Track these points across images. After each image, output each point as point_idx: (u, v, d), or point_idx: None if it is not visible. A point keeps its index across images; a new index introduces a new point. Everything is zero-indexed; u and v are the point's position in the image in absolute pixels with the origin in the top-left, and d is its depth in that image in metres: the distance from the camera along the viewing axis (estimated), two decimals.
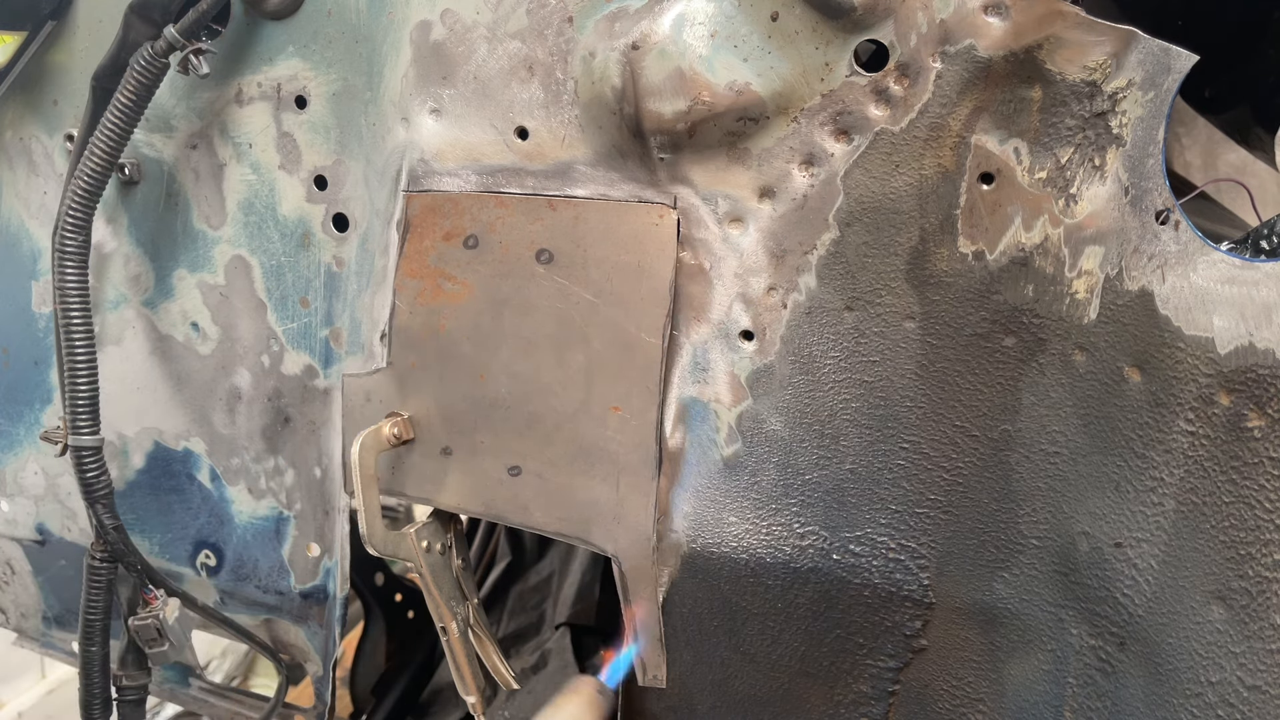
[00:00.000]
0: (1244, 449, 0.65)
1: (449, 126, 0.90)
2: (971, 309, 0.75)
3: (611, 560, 0.88)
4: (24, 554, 1.36)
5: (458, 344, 0.91)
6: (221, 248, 1.08)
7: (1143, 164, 0.69)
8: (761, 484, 0.84)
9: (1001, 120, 0.72)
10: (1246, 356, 0.64)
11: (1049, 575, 0.76)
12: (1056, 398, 0.73)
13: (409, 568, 1.09)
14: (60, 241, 1.00)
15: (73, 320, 1.00)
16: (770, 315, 0.81)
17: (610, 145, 0.83)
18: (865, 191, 0.76)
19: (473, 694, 0.95)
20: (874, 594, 0.82)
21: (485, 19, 0.87)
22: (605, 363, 0.85)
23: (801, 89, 0.76)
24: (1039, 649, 0.78)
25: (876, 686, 0.85)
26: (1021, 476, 0.76)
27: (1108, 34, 0.67)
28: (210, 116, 1.04)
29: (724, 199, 0.81)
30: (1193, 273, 0.67)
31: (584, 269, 0.85)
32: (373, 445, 0.89)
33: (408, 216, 0.92)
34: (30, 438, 1.29)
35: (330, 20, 0.95)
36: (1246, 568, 0.66)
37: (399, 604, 1.72)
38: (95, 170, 0.98)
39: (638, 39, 0.77)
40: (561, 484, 0.88)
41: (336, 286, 1.02)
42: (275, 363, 1.07)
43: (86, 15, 1.09)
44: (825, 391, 0.80)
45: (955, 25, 0.70)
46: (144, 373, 1.16)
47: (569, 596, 1.74)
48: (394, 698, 1.69)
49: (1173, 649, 0.70)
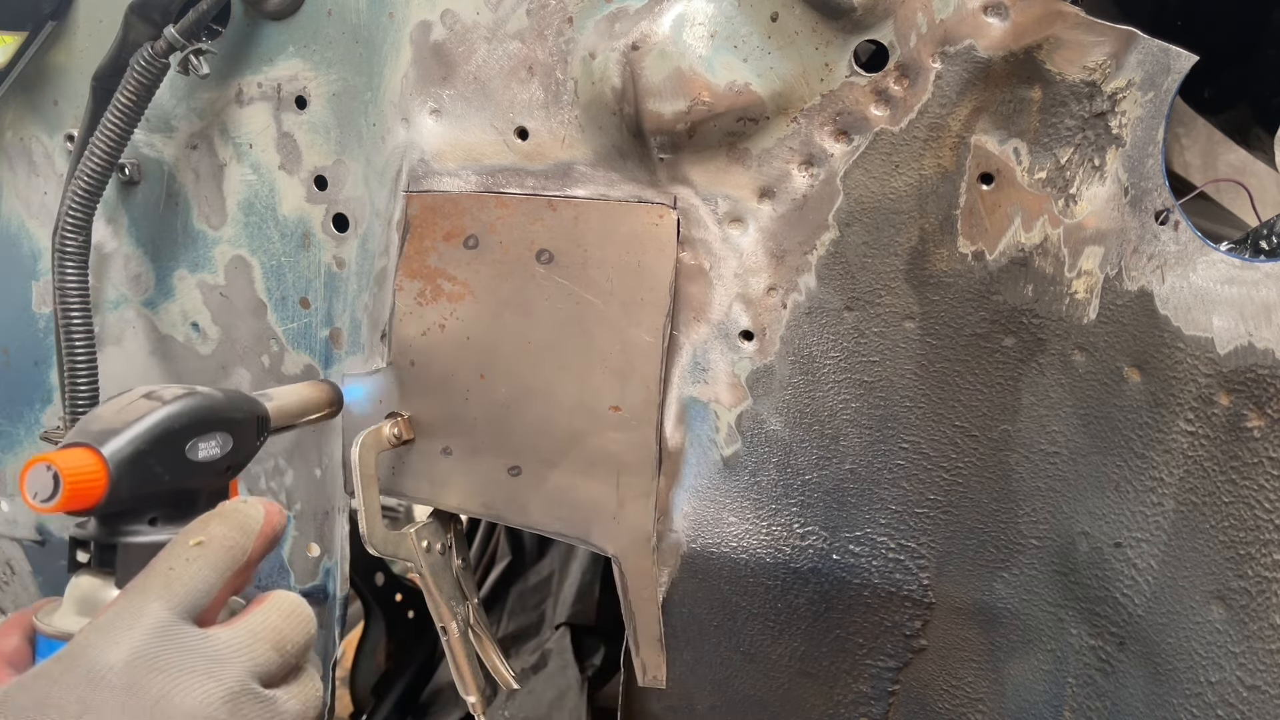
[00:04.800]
0: (1244, 449, 0.65)
1: (449, 127, 0.90)
2: (971, 309, 0.75)
3: (611, 560, 0.88)
4: (24, 554, 1.36)
5: (458, 344, 0.91)
6: (222, 248, 1.08)
7: (1142, 164, 0.69)
8: (761, 484, 0.84)
9: (1001, 120, 0.72)
10: (1246, 356, 0.64)
11: (1049, 575, 0.76)
12: (1056, 398, 0.73)
13: (409, 568, 1.09)
14: (60, 241, 1.00)
15: (73, 320, 1.00)
16: (770, 315, 0.81)
17: (610, 145, 0.83)
18: (865, 192, 0.76)
19: (473, 694, 0.95)
20: (874, 594, 0.82)
21: (485, 19, 0.87)
22: (605, 363, 0.85)
23: (801, 89, 0.76)
24: (1039, 649, 0.78)
25: (876, 686, 0.85)
26: (1021, 476, 0.76)
27: (1107, 34, 0.67)
28: (210, 117, 1.04)
29: (724, 199, 0.81)
30: (1192, 273, 0.67)
31: (584, 269, 0.85)
32: (373, 445, 0.89)
33: (408, 216, 0.92)
34: (30, 438, 1.29)
35: (330, 20, 0.95)
36: (1246, 568, 0.66)
37: (399, 604, 1.72)
38: (95, 170, 0.98)
39: (638, 39, 0.77)
40: (561, 484, 0.88)
41: (336, 287, 1.02)
42: (275, 363, 1.07)
43: (86, 15, 1.09)
44: (825, 391, 0.80)
45: (955, 25, 0.70)
46: (144, 373, 1.16)
47: (569, 596, 1.74)
48: (394, 698, 1.69)
49: (1172, 649, 0.70)
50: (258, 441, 0.73)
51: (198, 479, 0.66)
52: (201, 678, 0.51)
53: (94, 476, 0.59)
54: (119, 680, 0.49)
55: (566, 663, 1.61)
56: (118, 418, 0.63)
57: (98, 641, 0.51)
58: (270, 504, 0.61)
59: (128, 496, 0.61)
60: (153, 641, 0.51)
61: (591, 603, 1.71)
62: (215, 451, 0.66)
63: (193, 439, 0.65)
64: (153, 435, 0.63)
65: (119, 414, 0.63)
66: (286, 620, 0.57)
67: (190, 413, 0.65)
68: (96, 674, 0.49)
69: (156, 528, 0.62)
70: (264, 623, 0.56)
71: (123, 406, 0.64)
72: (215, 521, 0.59)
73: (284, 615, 0.57)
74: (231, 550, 0.57)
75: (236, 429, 0.69)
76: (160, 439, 0.63)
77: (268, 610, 0.57)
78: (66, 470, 0.58)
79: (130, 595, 0.54)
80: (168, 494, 0.63)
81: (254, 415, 0.72)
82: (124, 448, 0.61)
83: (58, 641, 0.57)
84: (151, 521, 0.63)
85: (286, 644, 0.56)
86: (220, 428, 0.67)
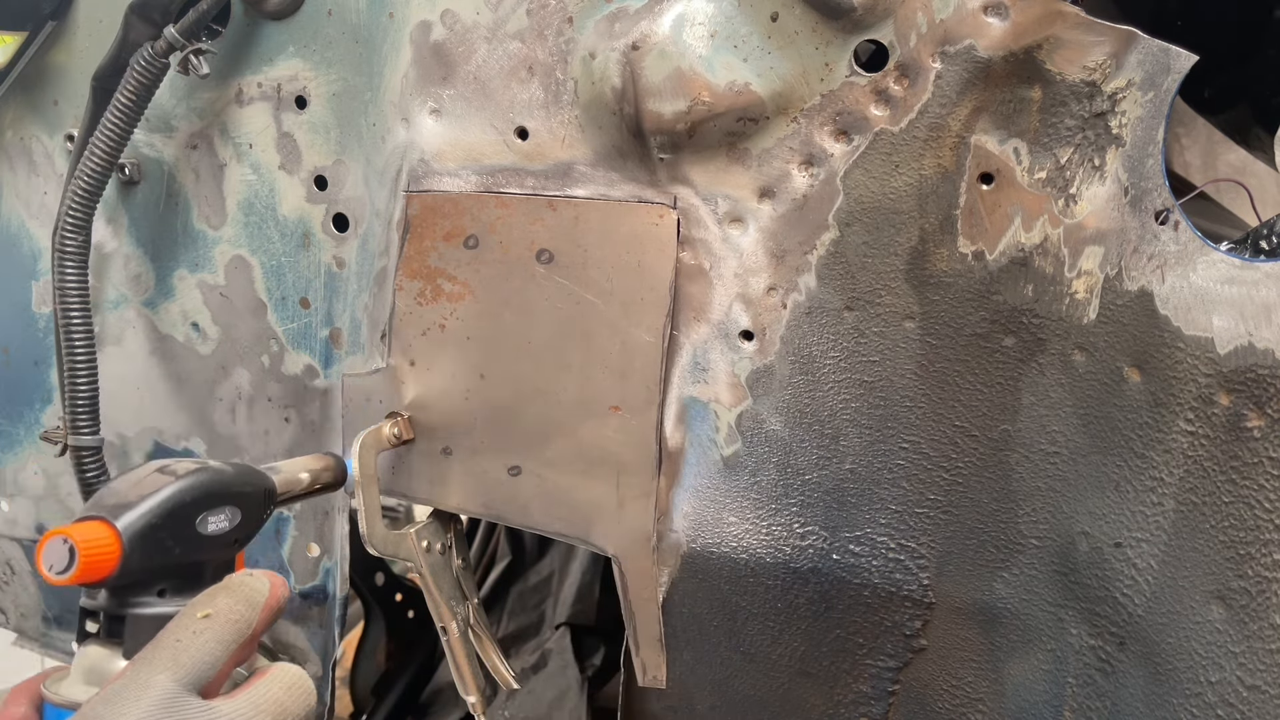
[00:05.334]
0: (1244, 449, 0.65)
1: (449, 127, 0.90)
2: (971, 309, 0.75)
3: (611, 560, 0.88)
4: (24, 554, 1.37)
5: (458, 344, 0.91)
6: (222, 248, 1.08)
7: (1142, 164, 0.69)
8: (761, 484, 0.84)
9: (1001, 120, 0.72)
10: (1246, 356, 0.64)
11: (1049, 575, 0.76)
12: (1056, 398, 0.73)
13: (409, 568, 1.09)
14: (60, 241, 1.00)
15: (73, 320, 1.00)
16: (770, 315, 0.81)
17: (610, 145, 0.83)
18: (865, 191, 0.76)
19: (473, 694, 0.95)
20: (874, 594, 0.82)
21: (485, 19, 0.87)
22: (605, 363, 0.85)
23: (801, 89, 0.76)
24: (1039, 649, 0.78)
25: (876, 686, 0.85)
26: (1021, 476, 0.76)
27: (1107, 34, 0.67)
28: (210, 117, 1.04)
29: (724, 199, 0.81)
30: (1192, 273, 0.67)
31: (584, 269, 0.85)
32: (373, 445, 0.89)
33: (408, 216, 0.92)
34: (30, 438, 1.29)
35: (330, 20, 0.95)
36: (1246, 568, 0.66)
37: (399, 604, 1.72)
38: (95, 170, 0.98)
39: (638, 39, 0.77)
40: (561, 484, 0.88)
41: (336, 287, 1.02)
42: (275, 363, 1.07)
43: (86, 15, 1.09)
44: (825, 391, 0.80)
45: (955, 25, 0.70)
46: (144, 373, 1.16)
47: (569, 596, 1.74)
48: (394, 698, 1.69)
49: (1172, 649, 0.70)
50: (265, 514, 0.74)
51: (206, 552, 0.67)
52: None
53: (108, 549, 0.61)
54: None
55: (566, 663, 1.61)
56: (133, 491, 0.65)
57: (105, 712, 0.52)
58: (275, 576, 0.63)
59: (139, 569, 0.62)
60: (158, 713, 0.52)
61: (591, 603, 1.71)
62: (224, 525, 0.68)
63: (203, 513, 0.66)
64: (165, 509, 0.64)
65: (134, 488, 0.65)
66: (288, 693, 0.58)
67: (201, 487, 0.67)
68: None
69: (165, 599, 0.64)
70: (266, 695, 0.57)
71: (137, 480, 0.66)
72: (222, 595, 0.60)
73: (285, 688, 0.59)
74: (238, 624, 0.59)
75: (245, 502, 0.70)
76: (172, 513, 0.65)
77: (270, 683, 0.58)
78: (82, 543, 0.60)
79: (138, 666, 0.55)
80: (177, 566, 0.65)
81: (262, 489, 0.74)
82: (137, 521, 0.63)
83: (65, 711, 0.58)
84: (160, 593, 0.64)
85: (287, 716, 0.58)
86: (230, 501, 0.69)
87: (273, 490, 0.76)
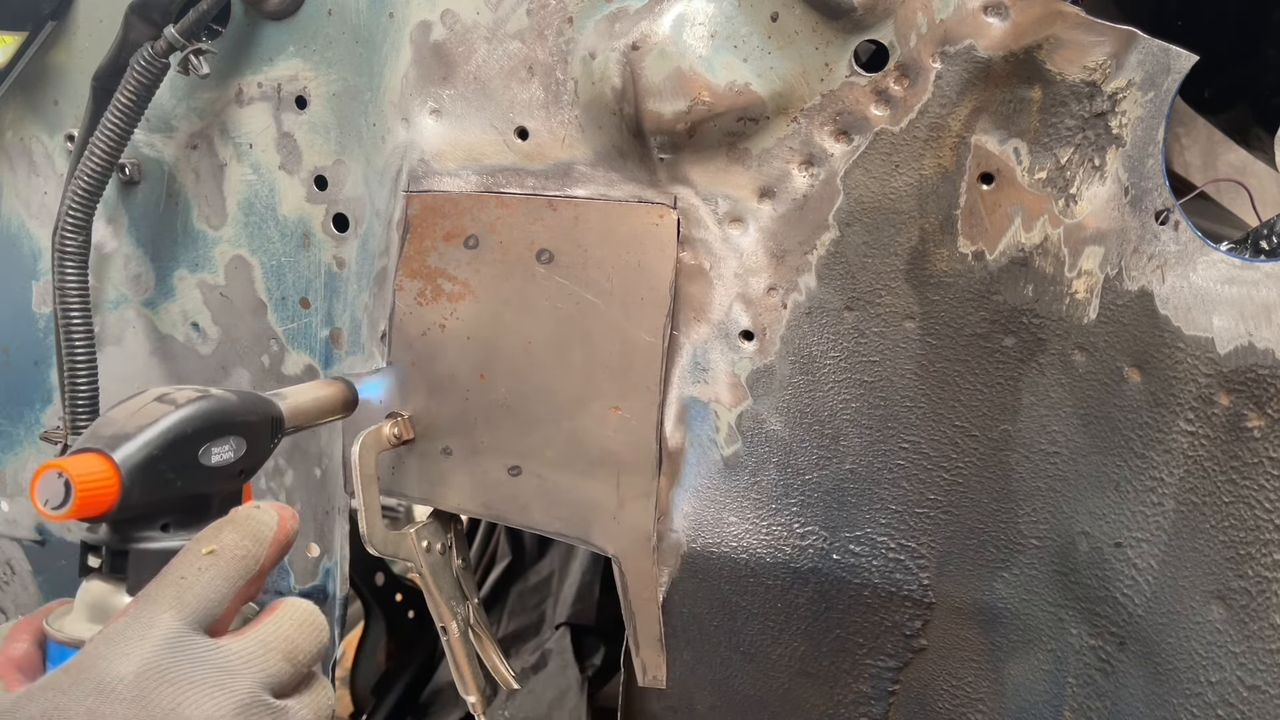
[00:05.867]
0: (1244, 449, 0.65)
1: (449, 127, 0.90)
2: (971, 309, 0.75)
3: (611, 560, 0.88)
4: (24, 554, 1.36)
5: (458, 344, 0.91)
6: (222, 248, 1.08)
7: (1143, 164, 0.69)
8: (761, 484, 0.84)
9: (1001, 120, 0.72)
10: (1246, 356, 0.64)
11: (1049, 575, 0.76)
12: (1056, 398, 0.73)
13: (409, 568, 1.09)
14: (60, 241, 1.00)
15: (73, 320, 1.00)
16: (770, 315, 0.81)
17: (610, 145, 0.83)
18: (865, 191, 0.76)
19: (473, 694, 0.95)
20: (874, 594, 0.82)
21: (485, 19, 0.87)
22: (605, 363, 0.85)
23: (801, 89, 0.76)
24: (1039, 649, 0.78)
25: (876, 686, 0.85)
26: (1021, 476, 0.76)
27: (1108, 34, 0.67)
28: (210, 117, 1.04)
29: (724, 199, 0.81)
30: (1192, 273, 0.67)
31: (584, 269, 0.85)
32: (373, 445, 0.89)
33: (408, 216, 0.92)
34: (30, 438, 1.29)
35: (330, 20, 0.95)
36: (1246, 568, 0.66)
37: (399, 604, 1.72)
38: (95, 170, 0.98)
39: (638, 39, 0.77)
40: (561, 484, 0.88)
41: (336, 287, 1.02)
42: (275, 363, 1.07)
43: (86, 15, 1.09)
44: (825, 391, 0.80)
45: (955, 25, 0.70)
46: (144, 373, 1.16)
47: (569, 596, 1.74)
48: (394, 698, 1.69)
49: (1172, 649, 0.70)
50: (271, 444, 0.71)
51: (211, 484, 0.64)
52: (212, 689, 0.50)
53: (106, 483, 0.58)
54: (129, 692, 0.49)
55: (566, 663, 1.61)
56: (130, 422, 0.61)
57: (107, 652, 0.50)
58: (283, 508, 0.60)
59: (140, 503, 0.59)
60: (163, 653, 0.50)
61: (591, 603, 1.71)
62: (229, 456, 0.65)
63: (206, 443, 0.63)
64: (166, 440, 0.61)
65: (132, 418, 0.61)
66: (299, 629, 0.56)
67: (204, 416, 0.63)
68: (106, 686, 0.49)
69: (169, 533, 0.61)
70: (276, 632, 0.55)
71: (136, 410, 0.62)
72: (228, 529, 0.57)
73: (296, 624, 0.56)
74: (244, 559, 0.56)
75: (250, 432, 0.67)
76: (173, 444, 0.61)
77: (279, 619, 0.56)
78: (78, 476, 0.56)
79: (141, 604, 0.53)
80: (180, 499, 0.62)
81: (268, 417, 0.70)
82: (136, 453, 0.59)
83: (68, 649, 0.56)
84: (164, 527, 0.61)
85: (298, 653, 0.55)
86: (234, 431, 0.65)
87: (279, 418, 0.72)
